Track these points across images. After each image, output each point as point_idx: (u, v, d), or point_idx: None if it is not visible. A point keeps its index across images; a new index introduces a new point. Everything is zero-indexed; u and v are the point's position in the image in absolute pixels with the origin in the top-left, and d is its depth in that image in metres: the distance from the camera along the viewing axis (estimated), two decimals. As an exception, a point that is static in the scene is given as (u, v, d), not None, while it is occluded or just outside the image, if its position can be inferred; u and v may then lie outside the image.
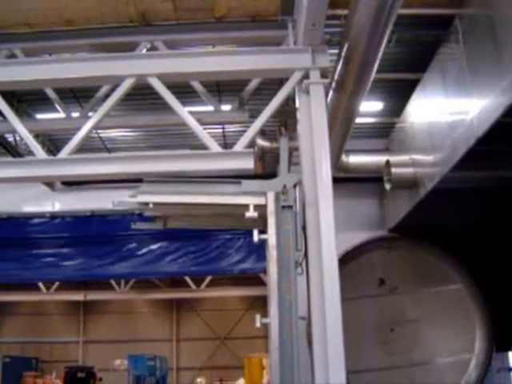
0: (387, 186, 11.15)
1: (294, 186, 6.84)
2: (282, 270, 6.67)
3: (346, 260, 11.97)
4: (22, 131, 7.60)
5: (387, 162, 11.16)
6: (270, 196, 6.79)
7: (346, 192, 12.30)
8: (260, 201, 6.85)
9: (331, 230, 6.84)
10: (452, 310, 12.56)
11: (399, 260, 12.62)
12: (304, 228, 6.97)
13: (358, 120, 10.34)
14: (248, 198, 6.89)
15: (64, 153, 7.32)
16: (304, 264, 7.00)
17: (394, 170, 10.96)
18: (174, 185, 7.17)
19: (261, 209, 6.80)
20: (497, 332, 12.65)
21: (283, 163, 7.18)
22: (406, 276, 12.59)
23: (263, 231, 6.82)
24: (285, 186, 6.81)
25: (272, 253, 6.66)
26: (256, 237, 6.74)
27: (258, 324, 6.60)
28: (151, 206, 7.06)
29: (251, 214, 6.77)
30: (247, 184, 6.96)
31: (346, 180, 12.19)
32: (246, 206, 6.83)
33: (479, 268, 12.63)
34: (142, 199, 7.06)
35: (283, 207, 6.80)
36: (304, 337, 7.55)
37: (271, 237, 6.68)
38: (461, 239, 12.35)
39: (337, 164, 11.38)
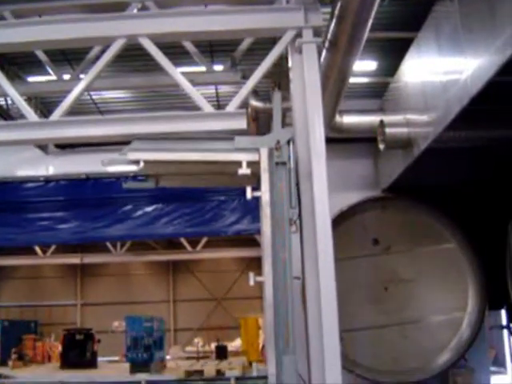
0: (381, 146, 11.15)
1: (288, 142, 6.80)
2: (276, 227, 6.67)
3: (339, 220, 12.04)
4: (13, 94, 7.52)
5: (381, 121, 11.14)
6: (264, 152, 6.70)
7: (339, 152, 12.32)
8: (253, 157, 6.74)
9: (324, 190, 6.87)
10: (445, 269, 12.67)
11: (393, 220, 12.70)
12: (298, 185, 6.98)
13: (352, 80, 10.29)
14: (241, 155, 6.79)
15: (56, 115, 7.26)
16: (298, 222, 7.02)
17: (387, 129, 10.94)
18: (166, 142, 7.05)
19: (254, 166, 6.74)
20: (490, 290, 12.79)
21: (276, 118, 7.05)
22: (399, 236, 12.68)
23: (257, 189, 6.81)
24: (278, 142, 6.73)
25: (265, 210, 6.64)
26: (249, 194, 6.71)
27: (251, 282, 6.62)
28: (142, 163, 6.93)
29: (244, 170, 6.71)
30: (240, 140, 6.87)
31: (339, 140, 12.18)
32: (239, 163, 6.74)
33: (473, 227, 12.72)
34: (132, 156, 6.92)
35: (277, 164, 6.73)
36: (298, 296, 7.63)
37: (265, 194, 6.65)
38: (455, 199, 12.42)
39: (330, 124, 11.35)
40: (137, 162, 6.95)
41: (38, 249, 27.18)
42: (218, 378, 6.81)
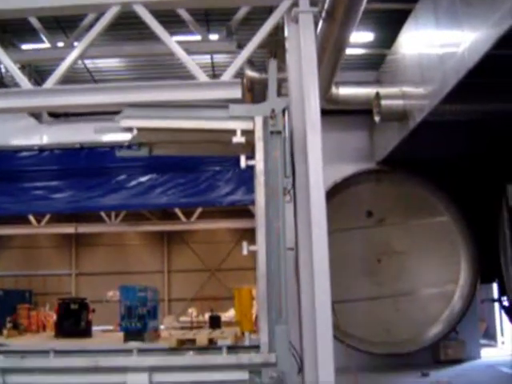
0: (376, 119, 11.11)
1: (283, 112, 6.75)
2: (270, 196, 6.63)
3: (334, 192, 12.05)
4: (7, 62, 7.45)
5: (377, 93, 11.09)
6: (258, 121, 6.65)
7: (335, 124, 12.29)
8: (248, 126, 6.69)
9: (319, 160, 6.85)
10: (438, 242, 12.74)
11: (387, 192, 12.71)
12: (292, 155, 6.95)
13: (349, 51, 10.23)
14: (235, 123, 6.73)
15: (49, 83, 7.20)
16: (292, 192, 7.00)
17: (383, 102, 10.90)
18: (159, 109, 6.96)
19: (249, 135, 6.69)
20: (482, 264, 12.86)
21: (272, 87, 6.97)
22: (393, 208, 12.71)
23: (251, 158, 6.77)
24: (273, 111, 6.65)
25: (260, 179, 6.60)
26: (243, 163, 6.68)
27: (245, 251, 6.63)
28: (135, 131, 6.84)
29: (238, 139, 6.66)
30: (234, 108, 6.79)
31: (335, 112, 12.15)
32: (234, 132, 6.69)
33: (467, 201, 12.75)
34: (124, 124, 6.84)
35: (271, 132, 6.67)
36: (292, 267, 7.66)
37: (259, 163, 6.62)
38: (449, 172, 12.44)
39: (326, 96, 11.30)
40: (130, 130, 6.88)
41: (32, 218, 27.17)
42: (210, 347, 6.85)
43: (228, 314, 26.61)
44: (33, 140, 13.43)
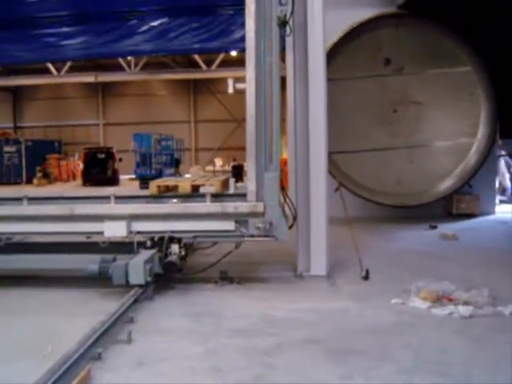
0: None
1: None
2: (262, 26, 6.09)
3: (350, 37, 11.37)
4: None
5: None
6: None
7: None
8: None
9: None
10: (458, 93, 12.14)
11: (407, 39, 11.91)
12: None
13: None
14: None
15: None
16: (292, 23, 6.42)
17: None
18: None
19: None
20: (502, 118, 12.33)
21: None
22: (413, 56, 12.00)
23: None
24: None
25: (250, 6, 6.05)
26: None
27: (230, 90, 6.32)
28: None
29: None
30: None
31: None
32: None
33: (491, 52, 11.96)
34: None
35: None
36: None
37: (249, -14, 6.07)
38: (473, 21, 11.58)
39: None
40: None
41: (52, 68, 26.95)
42: (194, 195, 6.59)
43: (252, 164, 26.87)
44: (41, -16, 12.93)
